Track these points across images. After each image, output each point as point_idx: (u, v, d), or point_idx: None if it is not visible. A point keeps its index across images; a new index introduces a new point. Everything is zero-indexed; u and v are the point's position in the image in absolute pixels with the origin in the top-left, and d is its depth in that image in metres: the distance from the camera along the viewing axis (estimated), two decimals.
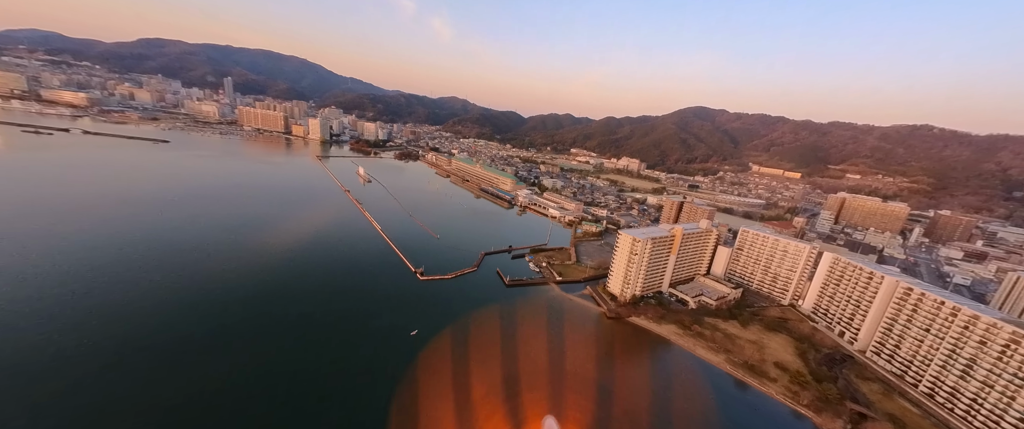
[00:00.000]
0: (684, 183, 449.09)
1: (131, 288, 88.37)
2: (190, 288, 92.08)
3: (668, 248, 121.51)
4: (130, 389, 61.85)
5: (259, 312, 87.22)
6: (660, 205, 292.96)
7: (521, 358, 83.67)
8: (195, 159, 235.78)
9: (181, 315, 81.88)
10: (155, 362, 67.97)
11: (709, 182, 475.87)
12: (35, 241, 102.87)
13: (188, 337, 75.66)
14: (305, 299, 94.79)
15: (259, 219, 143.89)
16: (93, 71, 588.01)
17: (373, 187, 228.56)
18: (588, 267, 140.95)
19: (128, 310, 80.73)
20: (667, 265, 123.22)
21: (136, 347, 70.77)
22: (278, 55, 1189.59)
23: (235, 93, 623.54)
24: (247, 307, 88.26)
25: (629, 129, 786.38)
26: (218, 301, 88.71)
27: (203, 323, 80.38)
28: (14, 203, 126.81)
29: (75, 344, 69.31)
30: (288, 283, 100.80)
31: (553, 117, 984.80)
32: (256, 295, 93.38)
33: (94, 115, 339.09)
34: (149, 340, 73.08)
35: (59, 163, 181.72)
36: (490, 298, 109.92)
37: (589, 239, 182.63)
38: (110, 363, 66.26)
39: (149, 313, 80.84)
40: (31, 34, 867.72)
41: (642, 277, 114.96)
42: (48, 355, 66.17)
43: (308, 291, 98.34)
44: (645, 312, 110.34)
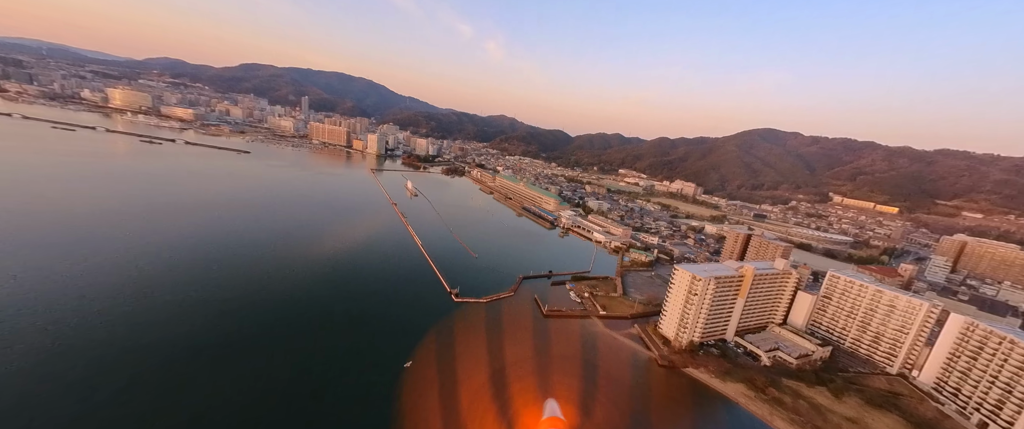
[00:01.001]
0: (748, 212, 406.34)
1: (191, 288, 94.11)
2: (239, 288, 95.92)
3: (735, 289, 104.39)
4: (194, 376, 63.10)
5: (294, 318, 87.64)
6: (721, 235, 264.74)
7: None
8: (267, 168, 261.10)
9: (227, 314, 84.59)
10: (205, 357, 69.54)
11: (779, 212, 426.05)
12: (123, 241, 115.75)
13: (231, 333, 77.27)
14: (340, 311, 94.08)
15: (311, 227, 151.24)
16: (202, 91, 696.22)
17: (419, 201, 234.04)
18: (636, 302, 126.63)
19: (183, 308, 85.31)
20: (734, 310, 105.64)
21: (188, 344, 73.40)
22: (348, 77, 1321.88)
23: (310, 110, 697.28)
24: (283, 311, 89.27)
25: (684, 150, 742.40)
26: (261, 302, 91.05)
27: (245, 321, 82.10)
28: (119, 203, 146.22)
29: (131, 336, 73.57)
30: (327, 293, 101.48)
31: (601, 136, 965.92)
32: (295, 301, 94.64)
33: (197, 128, 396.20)
34: (196, 338, 75.67)
35: (161, 169, 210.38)
36: (525, 328, 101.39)
37: (637, 269, 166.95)
38: (179, 349, 68.92)
39: (199, 312, 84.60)
40: (162, 61, 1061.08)
41: (702, 321, 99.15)
42: (114, 348, 70.55)
43: (345, 304, 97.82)
44: (706, 363, 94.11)
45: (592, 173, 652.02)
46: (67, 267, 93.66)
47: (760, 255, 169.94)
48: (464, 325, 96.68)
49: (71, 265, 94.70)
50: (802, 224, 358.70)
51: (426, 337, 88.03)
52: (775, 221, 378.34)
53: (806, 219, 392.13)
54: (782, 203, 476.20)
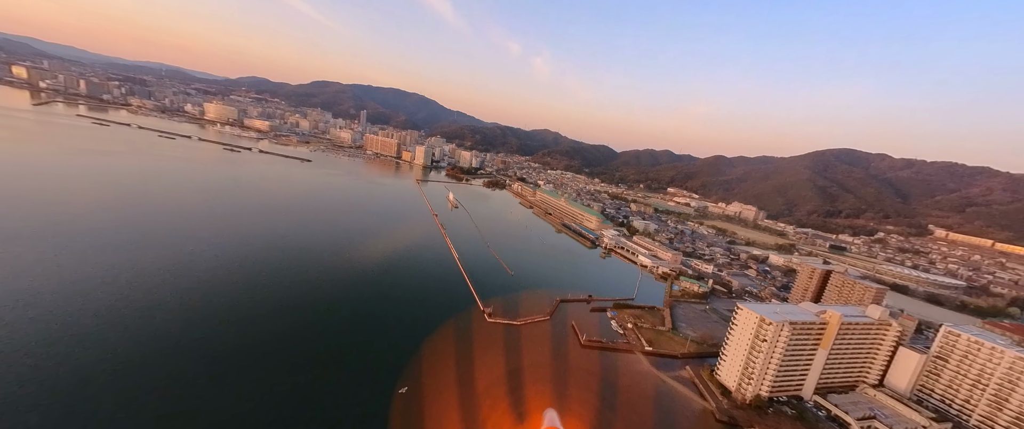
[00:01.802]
0: (823, 242, 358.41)
1: (239, 289, 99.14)
2: (279, 290, 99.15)
3: (816, 339, 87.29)
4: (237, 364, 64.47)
5: (308, 326, 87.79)
6: (789, 268, 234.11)
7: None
8: (325, 176, 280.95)
9: (263, 315, 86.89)
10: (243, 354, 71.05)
11: (862, 244, 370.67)
12: (183, 241, 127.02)
13: (265, 334, 78.68)
14: (366, 324, 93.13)
15: (354, 235, 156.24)
16: (278, 105, 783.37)
17: (459, 213, 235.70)
18: (688, 339, 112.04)
19: (218, 309, 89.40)
20: (813, 363, 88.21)
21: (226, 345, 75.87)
22: (403, 92, 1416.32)
23: (367, 123, 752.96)
24: (303, 317, 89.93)
25: (743, 170, 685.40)
26: (298, 304, 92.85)
27: (278, 321, 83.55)
28: (189, 205, 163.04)
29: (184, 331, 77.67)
30: (358, 304, 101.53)
31: (649, 153, 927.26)
32: (322, 307, 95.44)
33: (270, 138, 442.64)
34: (232, 336, 78.07)
35: (235, 174, 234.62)
36: (561, 358, 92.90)
37: (689, 300, 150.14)
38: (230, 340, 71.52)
39: (235, 311, 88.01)
40: (250, 80, 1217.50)
41: (773, 373, 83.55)
42: (162, 343, 74.85)
43: (375, 317, 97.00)
44: (777, 425, 78.42)
45: (638, 191, 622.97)
46: (133, 262, 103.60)
47: (843, 296, 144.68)
48: (494, 349, 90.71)
49: (137, 261, 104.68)
50: (894, 260, 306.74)
51: (450, 359, 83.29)
52: (857, 255, 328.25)
53: (899, 255, 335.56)
54: (866, 234, 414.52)
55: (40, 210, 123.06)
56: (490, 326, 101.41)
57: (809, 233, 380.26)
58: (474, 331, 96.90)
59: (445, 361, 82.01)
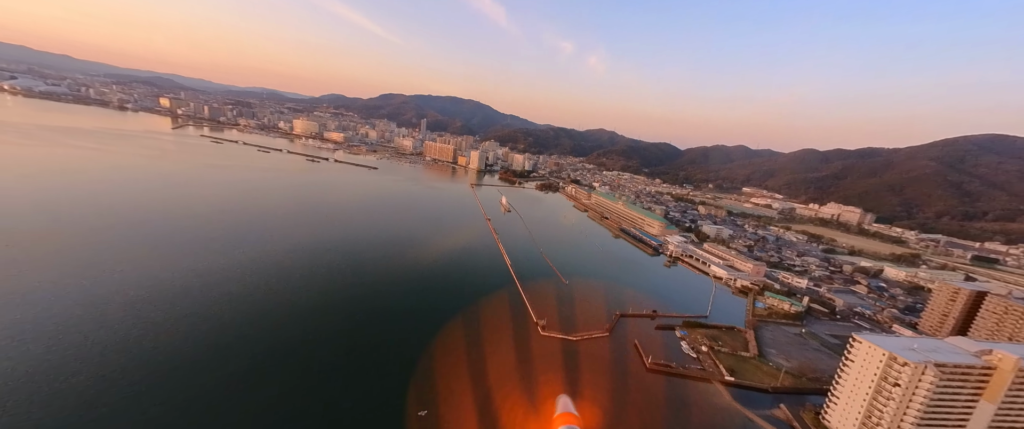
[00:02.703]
0: (962, 252, 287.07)
1: (296, 285, 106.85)
2: (335, 292, 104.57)
3: (975, 387, 65.99)
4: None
5: (378, 328, 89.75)
6: (914, 284, 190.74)
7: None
8: (389, 182, 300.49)
9: (312, 318, 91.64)
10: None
11: (1020, 255, 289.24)
12: (263, 240, 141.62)
13: (318, 331, 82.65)
14: (423, 327, 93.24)
15: (410, 238, 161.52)
16: (352, 118, 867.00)
17: (512, 217, 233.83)
18: (780, 370, 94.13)
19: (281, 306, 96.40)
20: (969, 419, 66.83)
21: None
22: (460, 99, 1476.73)
23: (427, 131, 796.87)
24: (374, 317, 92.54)
25: (840, 165, 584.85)
26: (341, 308, 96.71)
27: (328, 323, 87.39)
28: (271, 207, 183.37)
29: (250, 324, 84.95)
30: (411, 308, 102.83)
31: (719, 149, 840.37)
32: (382, 310, 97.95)
33: (344, 148, 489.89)
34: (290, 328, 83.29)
35: (313, 181, 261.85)
36: (622, 383, 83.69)
37: (778, 321, 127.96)
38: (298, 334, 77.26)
39: (293, 311, 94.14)
40: (330, 97, 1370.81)
41: (908, 425, 64.85)
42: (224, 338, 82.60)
43: (425, 322, 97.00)
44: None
45: (706, 191, 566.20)
46: (215, 261, 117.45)
47: (1005, 328, 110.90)
48: (548, 367, 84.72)
49: (219, 258, 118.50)
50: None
51: (502, 375, 79.15)
52: (1016, 269, 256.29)
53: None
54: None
55: (171, 210, 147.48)
56: (543, 340, 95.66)
57: (940, 241, 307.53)
58: (526, 345, 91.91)
59: (495, 376, 78.17)
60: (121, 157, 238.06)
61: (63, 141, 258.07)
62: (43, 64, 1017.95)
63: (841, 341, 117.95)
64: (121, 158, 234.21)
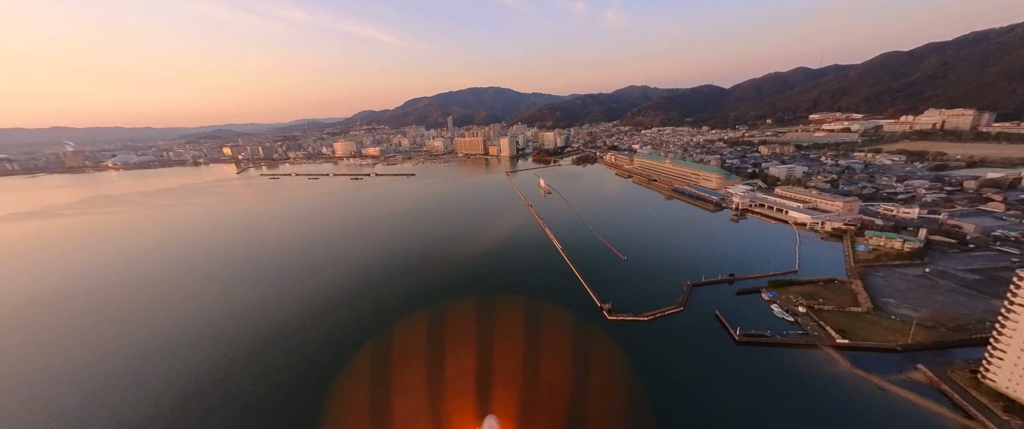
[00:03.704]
0: None
1: (345, 299, 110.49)
2: (389, 300, 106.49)
3: None
4: None
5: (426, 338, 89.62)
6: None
7: None
8: (427, 186, 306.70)
9: (348, 320, 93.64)
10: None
11: None
12: (326, 253, 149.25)
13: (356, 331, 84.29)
14: (477, 327, 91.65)
15: (457, 234, 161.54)
16: (384, 130, 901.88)
17: (553, 199, 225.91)
18: (908, 321, 78.45)
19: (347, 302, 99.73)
20: None
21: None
22: (479, 89, 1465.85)
23: (454, 127, 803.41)
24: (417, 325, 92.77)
25: (939, 61, 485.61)
26: (384, 316, 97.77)
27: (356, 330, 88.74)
28: (340, 223, 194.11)
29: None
30: (464, 308, 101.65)
31: (773, 78, 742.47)
32: (424, 320, 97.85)
33: (382, 161, 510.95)
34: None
35: (363, 199, 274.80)
36: (710, 361, 75.14)
37: (890, 264, 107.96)
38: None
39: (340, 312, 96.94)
40: (361, 115, 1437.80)
41: None
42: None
43: (484, 319, 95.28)
44: None
45: (764, 129, 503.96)
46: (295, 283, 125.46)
47: None
48: (622, 354, 78.68)
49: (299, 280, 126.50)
50: None
51: (568, 369, 74.68)
52: None
53: None
54: None
55: (249, 244, 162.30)
56: (612, 325, 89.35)
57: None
58: (594, 333, 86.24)
59: (563, 372, 74.00)
60: (199, 206, 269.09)
61: (156, 202, 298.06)
62: (133, 138, 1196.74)
63: (985, 276, 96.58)
64: (201, 208, 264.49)
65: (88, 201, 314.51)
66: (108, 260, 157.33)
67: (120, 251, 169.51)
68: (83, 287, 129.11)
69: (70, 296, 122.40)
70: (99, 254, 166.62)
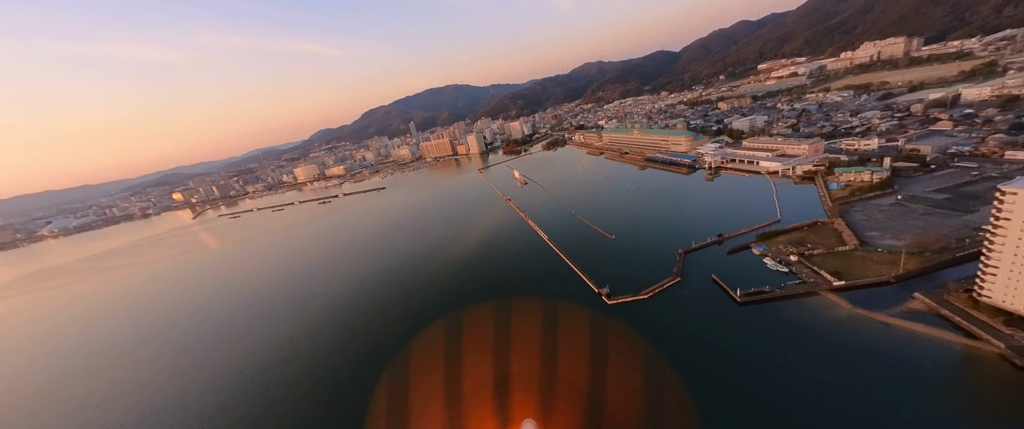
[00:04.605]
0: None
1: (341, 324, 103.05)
2: (377, 325, 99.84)
3: None
4: None
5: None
6: (1009, 95, 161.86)
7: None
8: (400, 198, 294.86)
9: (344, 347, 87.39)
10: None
11: None
12: (321, 293, 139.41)
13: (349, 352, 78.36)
14: (472, 329, 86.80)
15: (438, 241, 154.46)
16: (345, 147, 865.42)
17: (531, 189, 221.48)
18: (895, 251, 79.57)
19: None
20: None
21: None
22: (437, 89, 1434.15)
23: (417, 132, 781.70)
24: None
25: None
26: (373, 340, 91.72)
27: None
28: (315, 253, 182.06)
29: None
30: (459, 315, 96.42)
31: (717, 36, 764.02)
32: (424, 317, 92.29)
33: (348, 179, 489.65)
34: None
35: (334, 223, 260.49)
36: (716, 328, 73.47)
37: (864, 197, 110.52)
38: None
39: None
40: (318, 134, 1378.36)
41: None
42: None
43: (478, 320, 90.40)
44: None
45: (718, 85, 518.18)
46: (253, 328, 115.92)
47: None
48: (628, 336, 75.81)
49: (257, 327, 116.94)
50: None
51: (580, 365, 71.14)
52: None
53: None
54: None
55: (219, 295, 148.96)
56: (613, 309, 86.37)
57: (1016, 36, 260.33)
58: (598, 321, 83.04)
59: (580, 366, 70.33)
60: (157, 263, 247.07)
61: (106, 266, 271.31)
62: (69, 200, 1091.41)
63: (952, 194, 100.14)
64: (159, 264, 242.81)
65: (25, 279, 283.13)
66: (56, 344, 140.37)
67: (70, 332, 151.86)
68: (28, 383, 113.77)
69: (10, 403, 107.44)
70: (44, 338, 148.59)
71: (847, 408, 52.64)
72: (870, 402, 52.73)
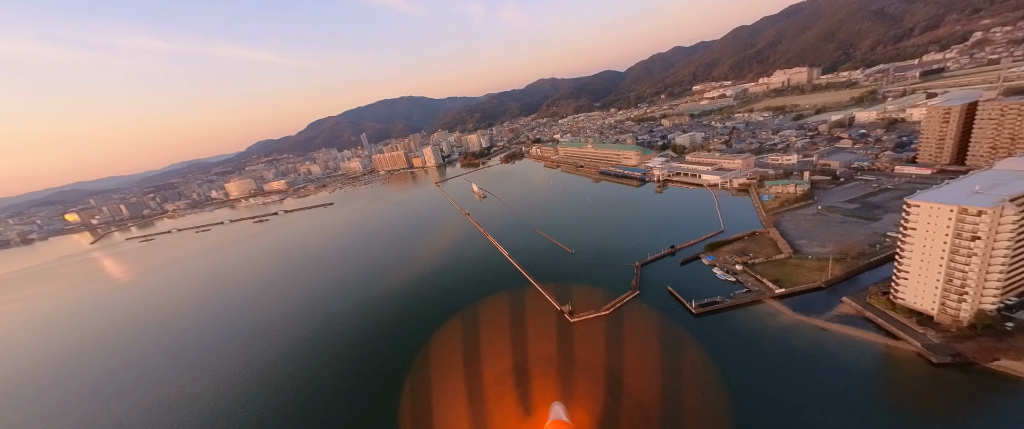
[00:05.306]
0: (905, 74, 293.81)
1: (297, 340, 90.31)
2: (329, 349, 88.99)
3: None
4: None
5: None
6: (890, 119, 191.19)
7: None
8: (350, 213, 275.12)
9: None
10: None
11: (958, 57, 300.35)
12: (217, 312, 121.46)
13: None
14: (423, 356, 79.84)
15: (393, 260, 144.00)
16: (289, 160, 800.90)
17: (490, 202, 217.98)
18: (823, 259, 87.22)
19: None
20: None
21: None
22: (391, 100, 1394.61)
23: (370, 144, 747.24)
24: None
25: (774, 32, 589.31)
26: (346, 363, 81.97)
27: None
28: (243, 280, 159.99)
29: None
30: (410, 333, 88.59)
31: (657, 59, 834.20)
32: (379, 346, 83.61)
33: (291, 194, 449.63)
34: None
35: (271, 243, 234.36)
36: (674, 341, 74.05)
37: (791, 207, 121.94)
38: None
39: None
40: (257, 146, 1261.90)
41: (995, 275, 57.98)
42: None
43: (435, 344, 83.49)
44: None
45: (661, 103, 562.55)
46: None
47: (1005, 129, 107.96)
48: (592, 357, 73.74)
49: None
50: (1017, 57, 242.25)
51: (547, 389, 67.55)
52: (961, 71, 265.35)
53: (1012, 50, 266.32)
54: (958, 43, 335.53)
55: (117, 338, 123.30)
56: (575, 327, 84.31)
57: (889, 70, 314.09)
58: (562, 341, 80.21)
59: (540, 393, 66.36)
60: (37, 301, 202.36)
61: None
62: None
63: (860, 204, 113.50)
64: (37, 303, 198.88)
65: None
66: None
67: None
68: None
69: None
70: None
71: (796, 418, 54.42)
72: (827, 393, 55.63)
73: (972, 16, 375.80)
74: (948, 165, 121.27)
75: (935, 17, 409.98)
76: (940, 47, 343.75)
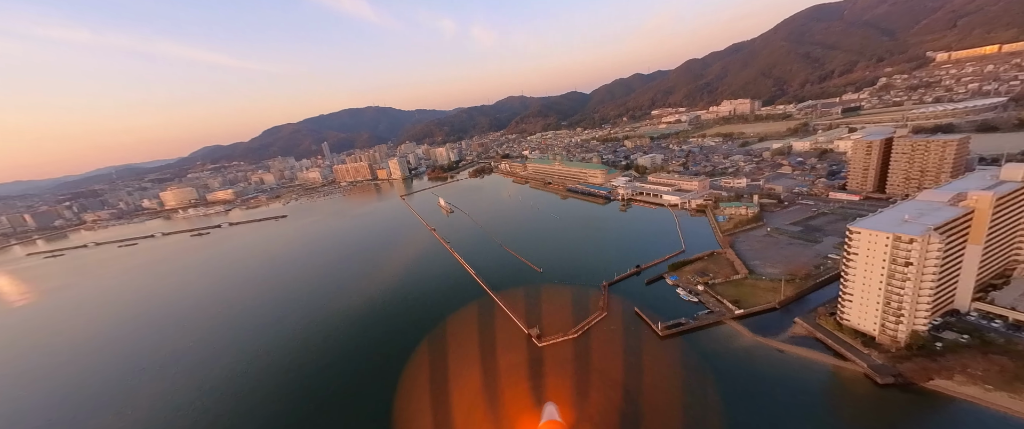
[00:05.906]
0: (830, 110, 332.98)
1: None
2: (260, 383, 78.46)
3: (962, 235, 66.08)
4: None
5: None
6: (820, 149, 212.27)
7: None
8: (305, 228, 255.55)
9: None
10: None
11: (869, 97, 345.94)
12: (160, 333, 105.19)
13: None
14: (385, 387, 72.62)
15: (352, 278, 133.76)
16: (239, 167, 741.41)
17: (457, 218, 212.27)
18: (776, 279, 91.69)
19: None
20: (961, 265, 67.56)
21: None
22: (357, 110, 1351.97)
23: (332, 153, 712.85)
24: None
25: (720, 66, 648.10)
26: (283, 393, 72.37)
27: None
28: (170, 303, 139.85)
29: None
30: (368, 359, 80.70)
31: (619, 83, 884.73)
32: (334, 376, 74.95)
33: (239, 205, 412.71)
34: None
35: (210, 259, 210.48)
36: (641, 364, 73.04)
37: (744, 228, 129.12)
38: None
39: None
40: (203, 151, 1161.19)
41: (925, 298, 63.00)
42: None
43: (393, 371, 76.32)
44: (959, 364, 58.56)
45: (623, 125, 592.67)
46: None
47: (918, 164, 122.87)
48: (558, 381, 70.58)
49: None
50: (915, 101, 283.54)
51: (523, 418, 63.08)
52: (872, 110, 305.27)
53: (910, 94, 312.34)
54: (868, 86, 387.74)
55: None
56: (544, 351, 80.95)
57: (817, 105, 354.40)
58: (531, 367, 76.40)
59: (510, 422, 61.70)
60: None
61: None
62: None
63: (802, 226, 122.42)
64: None
65: None
66: None
67: None
68: None
69: None
70: None
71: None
72: (790, 417, 55.92)
73: (878, 64, 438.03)
74: (872, 193, 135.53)
75: (849, 62, 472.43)
76: (855, 88, 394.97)
